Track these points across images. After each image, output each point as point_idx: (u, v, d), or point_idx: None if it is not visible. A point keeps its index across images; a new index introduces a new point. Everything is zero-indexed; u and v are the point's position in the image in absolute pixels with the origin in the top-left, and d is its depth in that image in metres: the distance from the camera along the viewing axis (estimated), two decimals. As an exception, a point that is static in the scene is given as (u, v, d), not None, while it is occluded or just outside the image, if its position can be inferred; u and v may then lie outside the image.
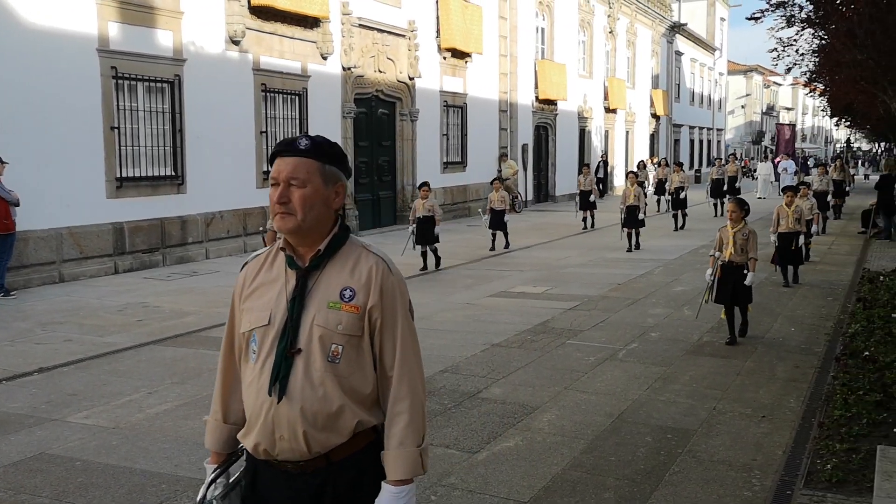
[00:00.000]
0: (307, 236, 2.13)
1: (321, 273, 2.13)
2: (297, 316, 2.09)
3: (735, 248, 7.69)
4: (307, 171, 2.09)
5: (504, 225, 14.97)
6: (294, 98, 15.61)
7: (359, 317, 2.10)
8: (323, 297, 2.10)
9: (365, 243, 2.21)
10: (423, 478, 4.56)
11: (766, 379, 6.60)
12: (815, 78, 23.25)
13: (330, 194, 2.14)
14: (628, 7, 34.13)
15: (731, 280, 7.69)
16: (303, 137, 2.13)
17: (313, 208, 2.09)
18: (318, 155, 2.12)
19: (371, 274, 2.12)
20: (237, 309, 2.25)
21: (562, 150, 28.38)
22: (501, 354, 7.39)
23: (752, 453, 4.96)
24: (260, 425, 2.09)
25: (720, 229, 8.00)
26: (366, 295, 2.11)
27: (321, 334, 2.08)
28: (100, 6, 11.48)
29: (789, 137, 51.44)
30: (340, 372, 2.08)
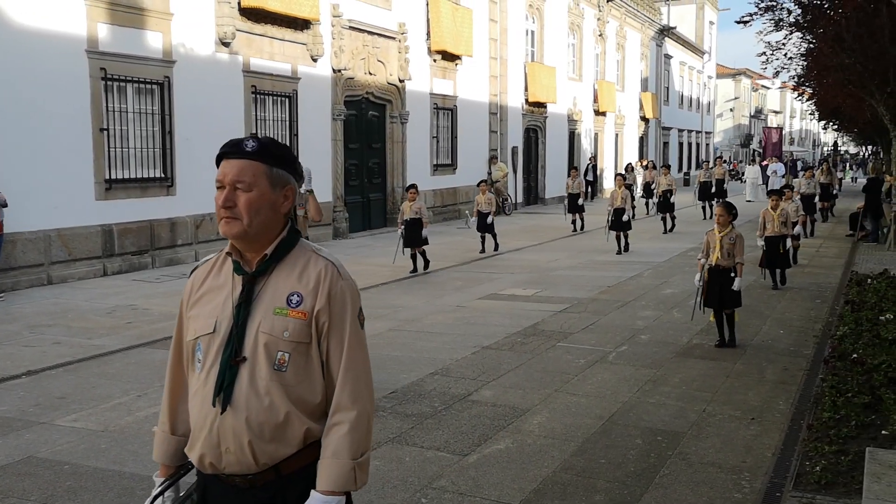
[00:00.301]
0: (254, 241, 2.07)
1: (268, 278, 2.07)
2: (242, 323, 2.03)
3: (722, 252, 7.68)
4: (253, 174, 2.03)
5: (491, 227, 14.97)
6: (284, 100, 15.58)
7: (306, 323, 2.03)
8: (269, 303, 2.04)
9: (315, 247, 2.15)
10: (413, 480, 4.58)
11: (756, 381, 6.63)
12: (803, 82, 23.41)
13: (278, 198, 2.07)
14: (618, 10, 34.26)
15: (718, 283, 7.68)
16: (249, 138, 2.06)
17: (260, 213, 2.03)
18: (266, 157, 2.05)
19: (320, 278, 2.06)
20: (184, 316, 2.18)
21: (551, 152, 28.45)
22: (492, 357, 7.40)
23: (741, 455, 4.98)
24: (204, 437, 2.03)
25: (707, 233, 8.00)
26: (313, 300, 2.04)
27: (266, 342, 2.01)
28: (89, 7, 11.43)
29: (777, 141, 51.75)
30: (287, 381, 2.01)
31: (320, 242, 16.35)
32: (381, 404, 5.94)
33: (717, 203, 8.62)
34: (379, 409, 5.81)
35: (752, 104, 73.04)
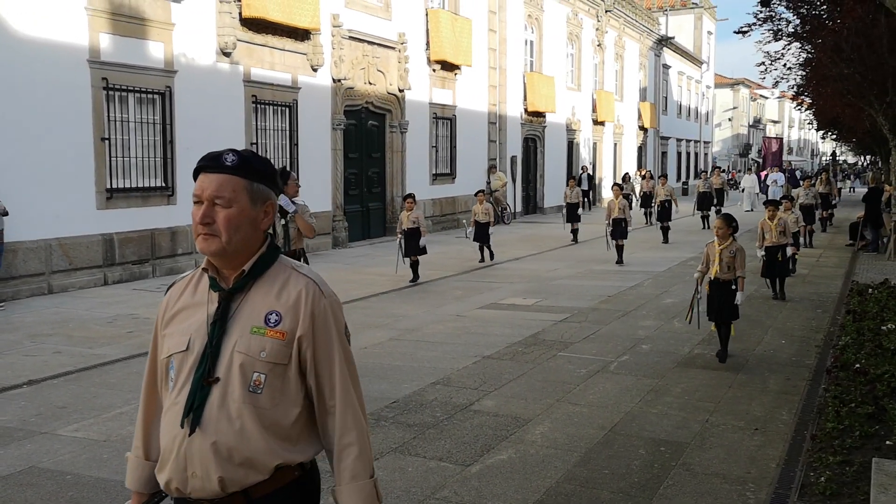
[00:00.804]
0: (233, 258, 1.99)
1: (245, 296, 1.99)
2: (217, 342, 1.95)
3: (721, 265, 7.55)
4: (233, 189, 1.94)
5: (487, 238, 14.90)
6: (284, 110, 15.61)
7: (284, 343, 1.95)
8: (246, 321, 1.96)
9: (296, 264, 2.07)
10: (416, 491, 4.57)
11: (759, 391, 6.62)
12: (801, 91, 23.50)
13: (258, 214, 1.99)
14: (616, 20, 34.39)
15: (719, 296, 7.58)
16: (229, 152, 1.97)
17: (239, 230, 1.95)
18: (246, 172, 1.97)
19: (300, 297, 1.97)
20: (159, 334, 2.10)
21: (550, 161, 28.50)
22: (493, 366, 7.39)
23: (745, 466, 4.97)
24: (172, 460, 1.94)
25: (707, 245, 7.86)
26: (293, 320, 1.96)
27: (242, 362, 1.92)
28: (91, 17, 11.46)
29: (776, 150, 51.81)
30: (262, 403, 1.93)
31: (320, 252, 16.40)
32: (382, 414, 5.93)
33: (716, 215, 8.53)
34: (380, 419, 5.80)
35: (751, 114, 73.25)
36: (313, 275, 2.05)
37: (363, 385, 6.14)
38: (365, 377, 6.91)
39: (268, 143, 15.23)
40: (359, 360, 7.15)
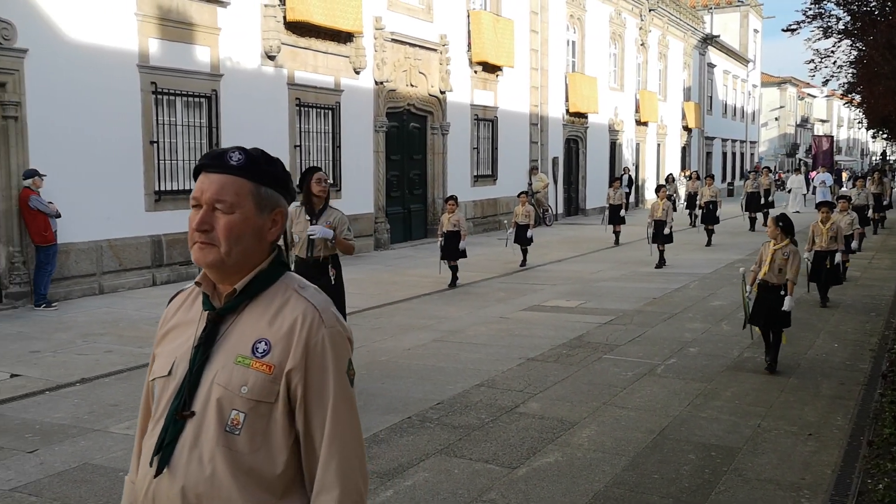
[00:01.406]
0: (232, 273, 1.73)
1: (237, 318, 1.73)
2: (197, 369, 1.70)
3: (772, 266, 7.19)
4: (237, 192, 1.70)
5: (528, 240, 14.62)
6: (327, 112, 15.73)
7: (271, 378, 1.66)
8: (233, 348, 1.70)
9: (301, 284, 1.79)
10: (462, 493, 4.55)
11: (811, 396, 6.47)
12: (852, 90, 22.97)
13: (265, 223, 1.74)
14: (660, 20, 34.00)
15: (767, 301, 7.19)
16: (235, 150, 1.74)
17: (241, 240, 1.70)
18: (253, 173, 1.72)
19: (295, 324, 1.69)
20: (155, 351, 1.88)
21: (592, 163, 28.26)
22: (537, 369, 7.33)
23: (800, 472, 4.85)
24: (141, 501, 1.72)
25: (763, 245, 7.54)
26: (284, 351, 1.67)
27: (220, 396, 1.66)
28: (140, 23, 11.69)
29: (827, 149, 50.66)
30: (238, 447, 1.65)
31: (361, 254, 16.48)
32: (427, 415, 5.93)
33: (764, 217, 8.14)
34: (425, 421, 5.80)
35: (798, 113, 71.81)
36: (317, 299, 1.75)
37: (406, 385, 6.13)
38: (408, 378, 6.96)
39: (311, 145, 15.37)
40: (402, 362, 7.20)
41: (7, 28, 9.96)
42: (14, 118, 10.15)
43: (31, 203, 10.01)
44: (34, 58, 10.28)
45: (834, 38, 18.38)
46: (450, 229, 12.25)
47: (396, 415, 5.93)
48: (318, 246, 6.42)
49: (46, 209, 10.12)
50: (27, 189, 10.05)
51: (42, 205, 10.09)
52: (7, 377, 7.01)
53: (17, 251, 10.31)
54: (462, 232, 12.28)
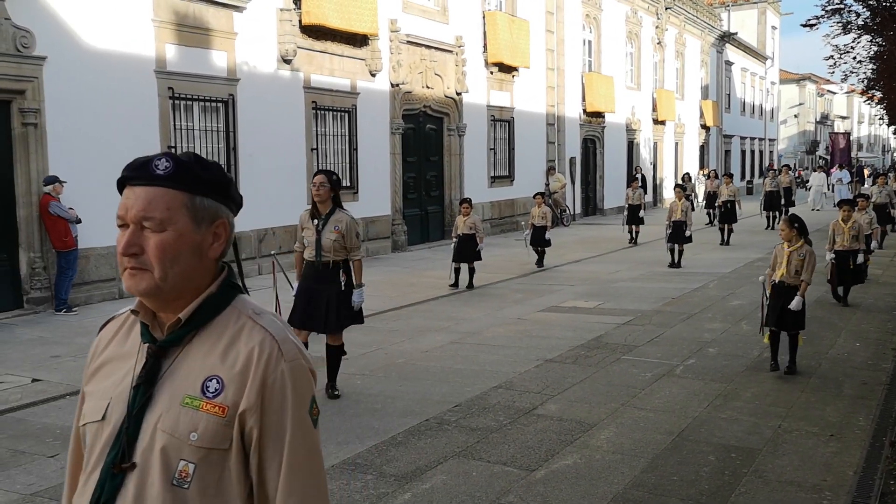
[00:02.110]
0: (172, 300, 1.50)
1: (183, 352, 1.50)
2: (138, 413, 1.47)
3: (789, 268, 7.04)
4: (167, 206, 1.47)
5: (546, 242, 14.44)
6: (344, 115, 15.78)
7: (224, 421, 1.44)
8: (178, 388, 1.47)
9: (256, 310, 1.55)
10: (481, 495, 4.54)
11: (833, 396, 6.40)
12: (872, 86, 22.70)
13: (204, 238, 1.51)
14: (676, 18, 33.80)
15: (782, 302, 7.03)
16: (162, 157, 1.50)
17: (178, 261, 1.47)
18: (186, 182, 1.49)
19: (251, 358, 1.47)
20: (84, 389, 1.62)
21: (610, 162, 28.15)
22: (555, 370, 7.31)
23: (821, 473, 4.80)
24: None
25: (777, 247, 7.39)
26: (238, 389, 1.45)
27: (165, 444, 1.44)
28: (158, 29, 11.78)
29: (844, 146, 50.14)
30: (189, 502, 1.43)
31: (379, 256, 16.51)
32: (445, 418, 5.92)
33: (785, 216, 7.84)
34: (443, 423, 5.79)
35: (818, 110, 71.10)
36: (275, 327, 1.52)
37: (424, 387, 6.12)
38: (426, 380, 6.95)
39: (328, 148, 15.42)
40: (420, 364, 7.19)
41: (26, 36, 10.07)
42: (34, 125, 10.25)
43: (52, 209, 10.11)
44: (53, 65, 10.38)
45: (853, 34, 18.18)
46: (465, 232, 12.15)
47: (414, 417, 5.93)
48: (326, 251, 6.27)
49: (67, 215, 10.22)
50: (47, 195, 10.15)
51: (62, 210, 10.19)
52: (28, 382, 7.08)
53: (37, 257, 10.42)
54: (479, 235, 12.18)
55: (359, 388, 6.78)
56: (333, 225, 6.30)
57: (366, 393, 6.63)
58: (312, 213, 6.40)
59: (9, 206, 10.23)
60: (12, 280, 10.32)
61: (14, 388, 6.88)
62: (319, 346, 6.72)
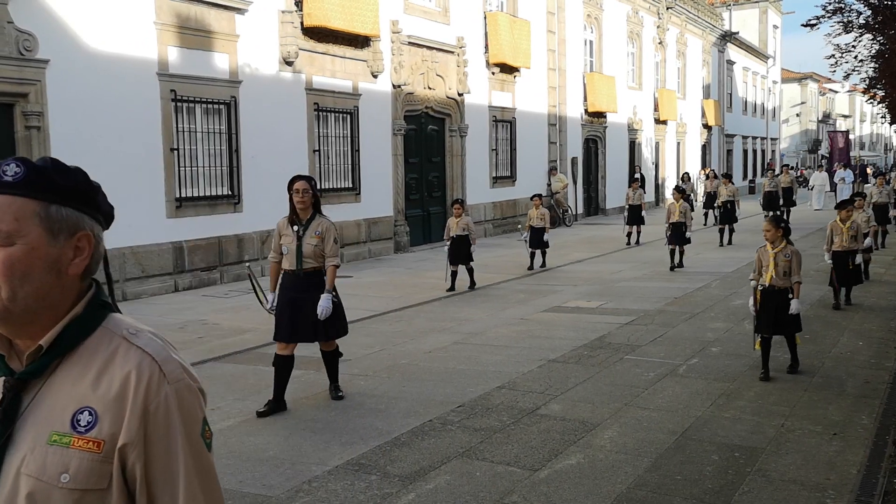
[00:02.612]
0: (26, 324, 1.32)
1: (46, 383, 1.32)
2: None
3: (777, 270, 6.85)
4: (16, 216, 1.30)
5: (545, 243, 14.25)
6: (346, 116, 15.80)
7: (100, 458, 1.28)
8: (44, 423, 1.29)
9: (131, 329, 1.38)
10: (484, 495, 4.55)
11: (836, 395, 6.40)
12: (874, 85, 22.67)
13: (63, 253, 1.34)
14: (678, 17, 33.80)
15: (774, 306, 6.86)
16: (11, 161, 1.33)
17: (29, 279, 1.29)
18: (38, 189, 1.32)
19: (128, 384, 1.29)
20: None
21: (612, 162, 28.15)
22: (558, 370, 7.32)
23: (824, 472, 4.80)
24: None
25: (759, 249, 7.14)
26: (115, 420, 1.28)
27: (32, 490, 1.26)
28: (160, 31, 11.81)
29: (843, 146, 50.13)
30: None
31: (382, 257, 16.54)
32: (448, 418, 5.93)
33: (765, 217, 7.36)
34: (447, 423, 5.81)
35: (820, 109, 71.04)
36: (153, 347, 1.35)
37: (427, 387, 6.14)
38: (429, 381, 6.96)
39: (329, 149, 15.45)
40: (423, 364, 7.20)
41: (29, 39, 10.10)
42: (37, 128, 10.29)
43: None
44: (55, 68, 10.42)
45: (855, 33, 18.16)
46: (459, 233, 11.95)
47: (417, 418, 5.94)
48: (308, 257, 6.07)
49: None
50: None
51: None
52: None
53: (41, 259, 10.44)
54: (472, 236, 12.02)
55: (362, 389, 6.79)
56: (314, 230, 6.15)
57: (369, 394, 6.64)
58: (292, 219, 6.18)
59: (12, 208, 10.26)
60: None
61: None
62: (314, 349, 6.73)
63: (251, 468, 4.99)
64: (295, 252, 6.08)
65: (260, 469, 4.97)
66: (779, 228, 6.99)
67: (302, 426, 5.83)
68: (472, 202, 20.05)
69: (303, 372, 7.41)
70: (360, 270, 14.49)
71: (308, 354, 8.09)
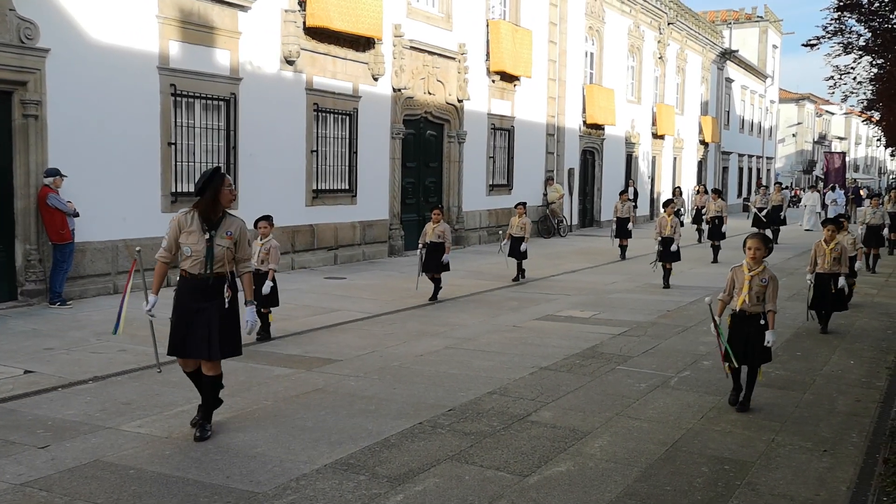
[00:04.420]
0: None
1: None
2: None
3: (750, 295, 6.29)
4: None
5: (522, 254, 13.71)
6: (345, 118, 15.78)
7: None
8: None
9: None
10: (473, 499, 4.52)
11: (826, 412, 6.40)
12: (871, 106, 22.80)
13: None
14: (678, 33, 33.94)
15: (745, 333, 6.30)
16: None
17: None
18: None
19: None
20: None
21: (608, 175, 28.20)
22: (550, 378, 7.29)
23: (814, 488, 4.79)
24: None
25: (733, 269, 6.57)
26: None
27: None
28: (162, 25, 11.78)
29: (839, 166, 50.26)
30: None
31: (376, 260, 16.49)
32: (439, 421, 5.90)
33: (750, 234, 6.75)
34: (437, 427, 5.77)
35: (816, 130, 71.41)
36: None
37: (418, 390, 6.11)
38: (420, 384, 6.93)
39: (328, 150, 15.42)
40: (415, 367, 7.18)
41: (30, 27, 10.06)
42: (34, 117, 10.23)
43: (49, 201, 10.08)
44: (55, 58, 10.37)
45: (854, 55, 18.26)
46: (434, 240, 11.59)
47: (408, 420, 5.91)
48: (219, 259, 5.36)
49: (64, 208, 10.19)
50: (46, 187, 10.13)
51: (60, 203, 10.16)
52: (21, 373, 7.05)
53: (33, 249, 10.38)
54: (447, 245, 11.65)
55: (352, 390, 6.75)
56: (225, 230, 5.39)
57: (359, 395, 6.61)
58: (204, 216, 5.35)
59: (7, 197, 10.20)
60: (7, 272, 10.28)
61: (5, 378, 6.85)
62: (314, 347, 6.69)
63: (239, 464, 4.95)
64: (204, 254, 5.33)
65: (248, 465, 4.93)
66: (766, 248, 6.46)
67: (291, 424, 5.79)
68: (467, 209, 20.04)
69: (292, 371, 7.38)
70: (354, 273, 14.45)
71: (298, 354, 8.06)
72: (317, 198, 15.12)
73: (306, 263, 14.85)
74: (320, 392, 6.68)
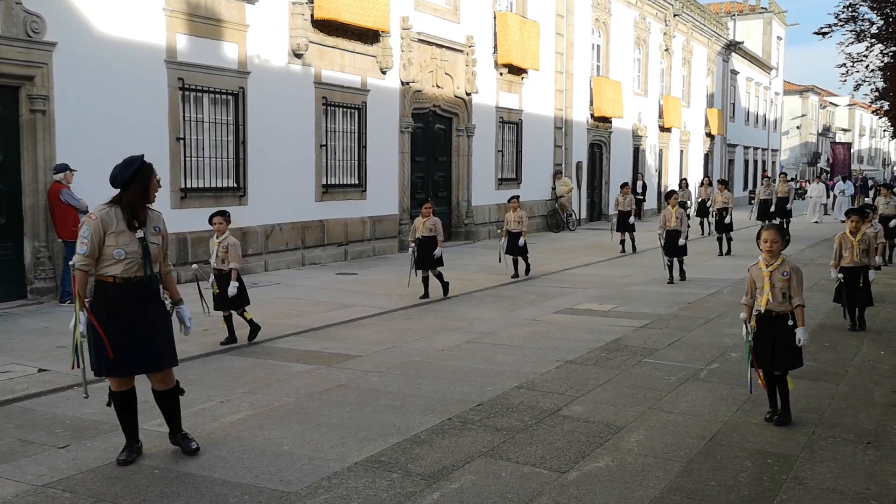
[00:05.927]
0: None
1: None
2: None
3: (774, 292, 5.64)
4: None
5: (521, 249, 13.02)
6: (353, 112, 15.60)
7: None
8: None
9: None
10: (512, 496, 4.35)
11: (864, 403, 6.22)
12: (882, 96, 22.58)
13: None
14: (684, 25, 33.70)
15: (772, 335, 5.66)
16: None
17: None
18: None
19: None
20: None
21: (616, 167, 27.98)
22: (577, 371, 7.12)
23: (863, 481, 4.61)
24: None
25: (751, 268, 5.91)
26: None
27: None
28: (169, 18, 11.60)
29: (844, 157, 50.03)
30: None
31: (385, 255, 16.31)
32: (468, 417, 5.73)
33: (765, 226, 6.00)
34: (467, 422, 5.61)
35: (820, 121, 71.13)
36: None
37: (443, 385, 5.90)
38: (445, 379, 6.76)
39: (336, 144, 15.24)
40: (437, 362, 6.99)
41: (36, 21, 9.88)
42: (42, 112, 10.06)
43: (63, 197, 9.91)
44: (63, 51, 10.20)
45: (867, 42, 18.07)
46: (425, 235, 10.99)
47: (436, 415, 5.74)
48: (155, 259, 4.87)
49: (77, 204, 10.01)
50: (58, 183, 9.96)
51: (73, 199, 9.99)
52: (35, 372, 6.89)
53: (42, 246, 10.22)
54: (438, 238, 11.00)
55: (376, 386, 6.58)
56: (153, 226, 4.92)
57: (383, 391, 6.44)
58: (129, 213, 4.78)
59: (15, 194, 10.04)
60: (16, 270, 10.12)
61: (20, 377, 6.69)
62: (332, 343, 6.52)
63: (267, 462, 4.78)
64: (140, 255, 4.75)
65: (276, 463, 4.76)
66: (783, 239, 5.74)
67: (316, 421, 5.62)
68: (476, 203, 19.86)
69: (312, 367, 7.22)
70: (366, 268, 14.28)
71: (316, 350, 7.89)
72: (326, 193, 14.94)
73: (317, 259, 14.68)
74: (343, 388, 6.51)
